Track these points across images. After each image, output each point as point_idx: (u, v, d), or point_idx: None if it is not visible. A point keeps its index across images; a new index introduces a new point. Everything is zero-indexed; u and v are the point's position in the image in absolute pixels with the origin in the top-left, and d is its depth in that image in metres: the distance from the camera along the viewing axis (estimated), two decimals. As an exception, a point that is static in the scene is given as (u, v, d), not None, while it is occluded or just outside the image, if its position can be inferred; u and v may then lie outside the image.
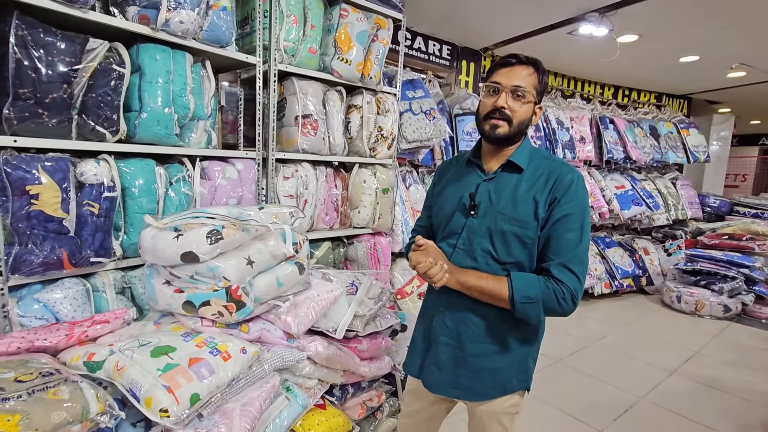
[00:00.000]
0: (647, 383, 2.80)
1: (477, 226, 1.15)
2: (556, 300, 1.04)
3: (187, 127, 1.80)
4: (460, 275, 1.10)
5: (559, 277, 1.04)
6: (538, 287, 1.05)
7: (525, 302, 1.05)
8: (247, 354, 1.23)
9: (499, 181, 1.16)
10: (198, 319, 1.30)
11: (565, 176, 1.09)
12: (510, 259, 1.12)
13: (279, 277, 1.43)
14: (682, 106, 5.99)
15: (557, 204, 1.07)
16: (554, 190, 1.08)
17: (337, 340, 1.62)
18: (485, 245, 1.14)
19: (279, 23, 2.02)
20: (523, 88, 1.09)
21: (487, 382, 1.18)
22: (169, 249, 1.25)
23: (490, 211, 1.14)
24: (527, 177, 1.13)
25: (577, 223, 1.06)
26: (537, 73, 1.11)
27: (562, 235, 1.06)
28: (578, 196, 1.08)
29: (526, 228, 1.09)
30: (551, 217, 1.08)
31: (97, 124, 1.50)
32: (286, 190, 2.13)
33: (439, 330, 1.22)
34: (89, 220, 1.44)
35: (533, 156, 1.17)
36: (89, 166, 1.44)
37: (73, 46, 1.43)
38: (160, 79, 1.63)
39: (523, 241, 1.10)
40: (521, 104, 1.10)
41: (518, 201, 1.11)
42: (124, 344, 1.19)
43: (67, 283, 1.44)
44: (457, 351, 1.19)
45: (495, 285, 1.08)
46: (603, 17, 2.92)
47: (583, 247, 1.06)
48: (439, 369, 1.22)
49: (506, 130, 1.11)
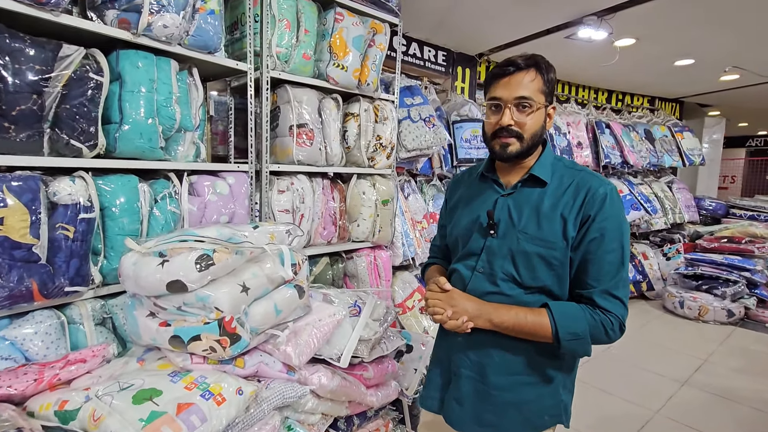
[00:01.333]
0: (660, 396, 2.70)
1: (497, 247, 1.03)
2: (604, 332, 0.94)
3: (173, 139, 1.66)
4: (494, 315, 0.98)
5: (606, 307, 0.94)
6: (584, 321, 0.94)
7: (571, 339, 0.94)
8: (243, 395, 1.09)
9: (520, 196, 1.04)
10: (187, 356, 1.16)
11: (597, 190, 0.97)
12: (535, 284, 1.01)
13: (277, 304, 1.30)
14: (674, 110, 6.00)
15: (591, 222, 0.95)
16: (586, 206, 0.96)
17: (341, 369, 1.48)
18: (507, 268, 1.02)
19: (271, 28, 1.90)
20: (528, 98, 0.97)
21: (514, 418, 1.05)
22: (152, 277, 1.11)
23: (511, 230, 1.02)
24: (551, 191, 1.01)
25: (615, 243, 0.95)
26: (540, 74, 0.99)
27: (602, 257, 0.94)
28: (614, 212, 0.96)
29: (553, 248, 0.98)
30: (585, 238, 0.96)
31: (72, 137, 1.36)
32: (282, 205, 2.00)
33: (460, 362, 1.10)
34: (63, 245, 1.29)
35: (556, 166, 1.05)
36: (63, 185, 1.30)
37: (44, 53, 1.29)
38: (142, 87, 1.50)
39: (549, 263, 0.98)
40: (529, 116, 0.98)
41: (543, 219, 0.99)
42: (102, 388, 1.04)
43: (39, 317, 1.28)
44: (479, 384, 1.08)
45: (535, 322, 0.96)
46: (602, 20, 2.86)
47: (625, 269, 0.96)
48: (459, 404, 1.10)
49: (518, 147, 1.00)
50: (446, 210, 1.26)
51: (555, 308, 0.96)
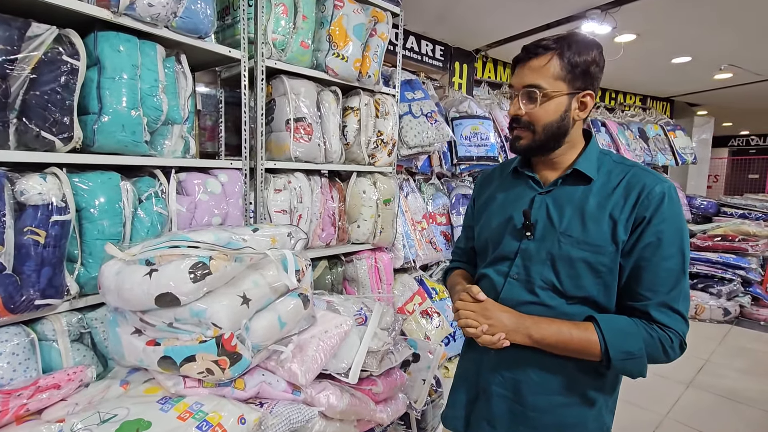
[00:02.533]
0: (666, 399, 2.64)
1: (535, 250, 0.92)
2: (662, 350, 0.83)
3: (160, 132, 1.50)
4: (534, 329, 0.87)
5: (664, 322, 0.83)
6: (639, 338, 0.83)
7: (625, 359, 0.83)
8: (246, 424, 0.94)
9: (560, 194, 0.93)
10: (180, 378, 1.01)
11: (654, 188, 0.85)
12: (578, 293, 0.89)
13: (281, 316, 1.15)
14: (665, 109, 6.02)
15: (647, 225, 0.85)
16: (640, 206, 0.85)
17: (349, 384, 1.35)
18: (546, 275, 0.91)
19: (266, 12, 1.75)
20: (535, 85, 0.87)
21: None
22: (139, 289, 0.95)
23: (551, 232, 0.91)
24: (597, 188, 0.90)
25: (674, 248, 0.84)
26: (560, 58, 0.87)
27: (658, 264, 0.83)
28: (674, 213, 0.85)
29: (601, 254, 0.86)
30: (639, 242, 0.85)
31: (42, 129, 1.19)
32: (278, 205, 1.85)
33: (491, 379, 0.99)
34: (33, 251, 1.12)
35: (602, 161, 0.93)
36: (32, 183, 1.13)
37: (9, 31, 1.13)
38: (124, 74, 1.34)
39: (596, 270, 0.87)
40: (538, 105, 0.88)
41: (588, 219, 0.88)
42: (78, 421, 0.88)
43: (4, 335, 1.11)
44: (514, 404, 0.96)
45: (582, 338, 0.84)
46: (606, 14, 2.79)
47: (686, 278, 0.85)
48: (491, 426, 0.98)
49: (529, 140, 0.92)
50: (474, 209, 1.14)
51: (604, 323, 0.85)
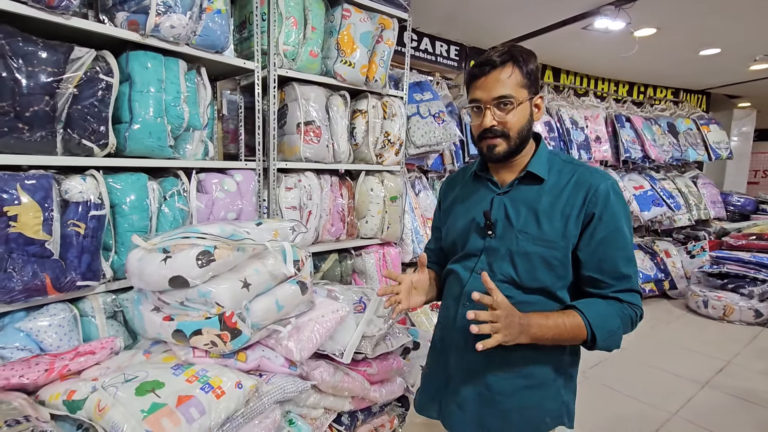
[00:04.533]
0: (678, 397, 2.62)
1: (496, 248, 1.01)
2: (630, 324, 0.95)
3: (182, 138, 1.70)
4: (536, 330, 0.90)
5: (630, 300, 0.95)
6: (616, 317, 0.93)
7: (608, 337, 0.93)
8: (243, 389, 1.11)
9: (516, 194, 1.01)
10: (189, 349, 1.19)
11: (599, 186, 0.94)
12: (534, 284, 0.98)
13: (279, 300, 1.31)
14: (700, 102, 5.76)
15: (598, 221, 0.93)
16: (588, 204, 0.93)
17: (344, 365, 1.50)
18: (506, 269, 0.99)
19: (278, 26, 1.92)
20: (506, 96, 0.93)
21: (517, 423, 1.03)
22: (156, 273, 1.14)
23: (509, 230, 0.99)
24: (549, 188, 0.98)
25: (625, 240, 0.94)
26: (518, 67, 0.93)
27: (615, 254, 0.93)
28: (619, 208, 0.94)
29: (554, 248, 0.95)
30: (594, 237, 0.94)
31: (83, 137, 1.40)
32: (289, 202, 2.02)
33: (459, 364, 1.08)
34: (75, 241, 1.33)
35: (553, 161, 1.02)
36: (74, 183, 1.34)
37: (56, 56, 1.34)
38: (151, 87, 1.53)
39: (550, 264, 0.96)
40: (511, 113, 0.94)
41: (542, 217, 0.96)
42: (108, 380, 1.07)
43: (53, 310, 1.34)
44: (481, 388, 1.05)
45: (573, 326, 0.92)
46: (620, 10, 2.77)
47: (634, 260, 0.97)
48: (461, 409, 1.07)
49: (505, 147, 0.97)
50: (440, 212, 1.22)
51: (586, 310, 0.93)
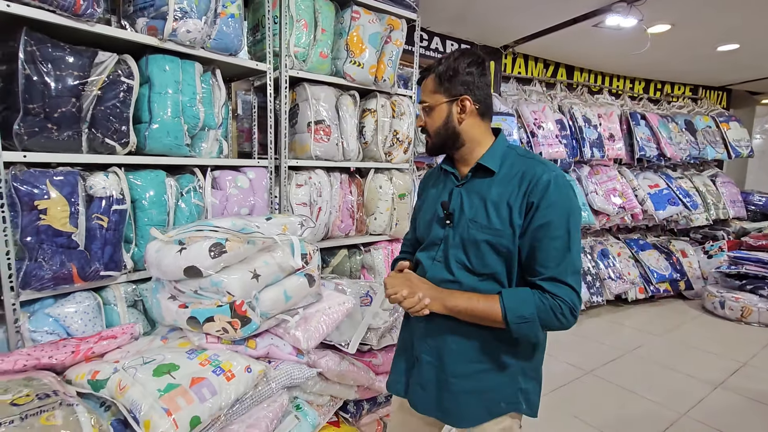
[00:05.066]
0: (689, 398, 2.60)
1: (452, 236, 1.07)
2: (554, 316, 0.95)
3: (198, 136, 1.78)
4: (448, 300, 1.02)
5: (554, 292, 0.95)
6: (532, 305, 0.96)
7: (520, 322, 0.96)
8: (252, 373, 1.18)
9: (471, 186, 1.08)
10: (203, 335, 1.26)
11: (541, 177, 0.98)
12: (485, 270, 1.03)
13: (287, 290, 1.38)
14: (720, 99, 5.63)
15: (536, 210, 0.97)
16: (530, 193, 0.98)
17: (350, 355, 1.55)
18: (459, 256, 1.06)
19: (289, 28, 1.98)
20: (423, 102, 1.10)
21: (473, 405, 1.07)
22: (172, 263, 1.21)
23: (463, 219, 1.06)
24: (499, 179, 1.04)
25: (561, 230, 0.96)
26: (435, 75, 1.07)
27: (548, 244, 0.96)
28: (559, 198, 0.97)
29: (501, 236, 1.00)
30: (531, 225, 0.98)
31: (106, 136, 1.50)
32: (300, 198, 2.09)
33: (421, 348, 1.13)
34: (98, 233, 1.43)
35: (507, 155, 1.07)
36: (98, 179, 1.44)
37: (82, 60, 1.43)
38: (169, 89, 1.62)
39: (497, 250, 1.01)
40: (429, 116, 1.10)
41: (490, 207, 1.02)
42: (128, 362, 1.16)
43: (78, 297, 1.43)
44: (438, 371, 1.09)
45: (486, 306, 0.98)
46: (631, 7, 2.75)
47: (573, 254, 0.96)
48: (423, 389, 1.12)
49: (430, 143, 1.13)
50: (417, 204, 1.30)
51: (506, 293, 0.99)
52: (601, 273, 4.09)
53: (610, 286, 4.05)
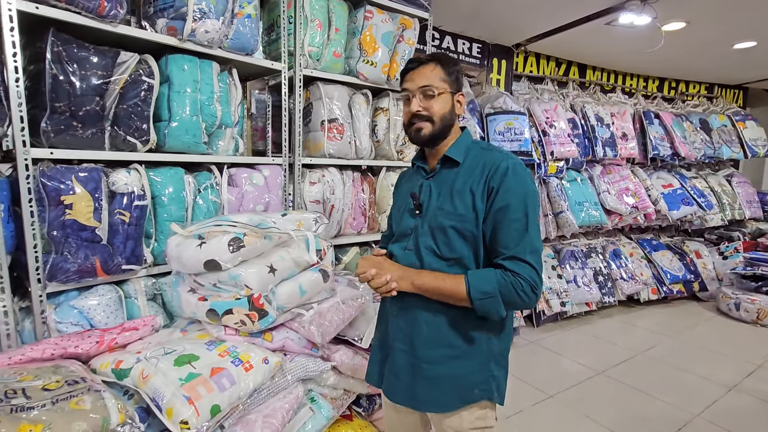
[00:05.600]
0: (703, 399, 2.57)
1: (421, 225, 1.13)
2: (515, 293, 1.00)
3: (215, 134, 1.82)
4: (416, 278, 1.07)
5: (514, 269, 1.01)
6: (494, 281, 1.01)
7: (482, 298, 1.00)
8: (269, 364, 1.21)
9: (439, 178, 1.14)
10: (221, 327, 1.30)
11: (500, 164, 1.05)
12: (452, 255, 1.08)
13: (302, 285, 1.41)
14: (736, 97, 5.53)
15: (495, 194, 1.04)
16: (489, 180, 1.05)
17: (363, 350, 1.58)
18: (428, 243, 1.11)
19: (303, 28, 2.01)
20: (430, 85, 1.10)
21: (445, 391, 1.09)
22: (192, 257, 1.25)
23: (431, 208, 1.12)
24: (464, 170, 1.11)
25: (519, 212, 1.02)
26: (440, 66, 1.11)
27: (508, 226, 1.02)
28: (516, 183, 1.03)
29: (465, 221, 1.06)
30: (491, 209, 1.04)
31: (128, 134, 1.54)
32: (313, 196, 2.12)
33: (394, 335, 1.16)
34: (120, 228, 1.47)
35: (471, 148, 1.14)
36: (120, 176, 1.48)
37: (105, 60, 1.48)
38: (188, 88, 1.66)
39: (463, 235, 1.07)
40: (434, 100, 1.10)
41: (455, 195, 1.08)
42: (150, 352, 1.19)
43: (101, 290, 1.48)
44: (411, 358, 1.12)
45: (452, 284, 1.03)
46: (645, 5, 2.73)
47: (531, 235, 1.02)
48: (396, 378, 1.14)
49: (429, 130, 1.11)
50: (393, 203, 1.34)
51: (471, 273, 1.04)
52: (613, 273, 4.05)
53: (622, 286, 4.02)
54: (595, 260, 4.03)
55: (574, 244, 4.06)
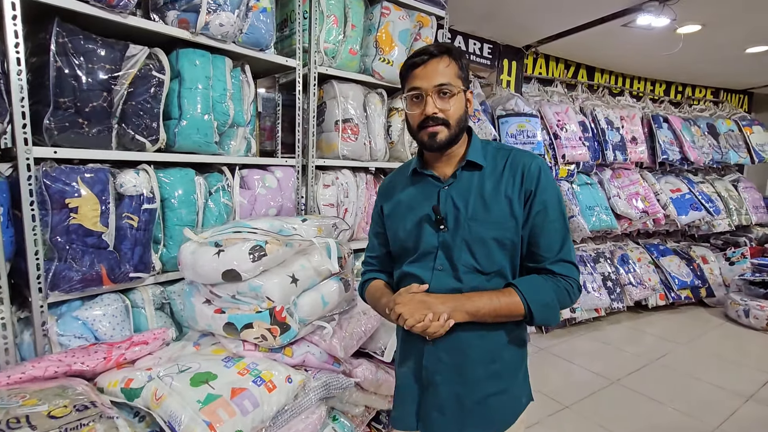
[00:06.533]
0: (721, 410, 2.51)
1: (452, 240, 0.99)
2: (568, 296, 0.96)
3: (227, 134, 1.73)
4: (468, 305, 0.95)
5: (564, 273, 0.96)
6: (551, 290, 0.96)
7: (543, 309, 0.95)
8: (292, 383, 1.12)
9: (460, 185, 1.02)
10: (239, 342, 1.21)
11: (531, 165, 0.99)
12: (493, 268, 0.99)
13: (324, 296, 1.32)
14: (742, 102, 5.52)
15: (533, 197, 0.97)
16: (525, 182, 0.98)
17: (385, 363, 1.49)
18: (466, 259, 0.99)
19: (319, 24, 1.93)
20: (447, 84, 0.95)
21: (500, 409, 1.02)
22: (209, 266, 1.16)
23: (461, 219, 0.99)
24: (488, 173, 1.01)
25: (556, 212, 0.98)
26: (454, 60, 0.98)
27: (549, 228, 0.97)
28: (550, 183, 0.98)
29: (505, 229, 0.97)
30: (531, 212, 0.97)
31: (137, 133, 1.44)
32: (327, 199, 2.03)
33: (433, 369, 1.02)
34: (128, 233, 1.37)
35: (486, 149, 1.05)
36: (129, 177, 1.38)
37: (113, 53, 1.38)
38: (199, 84, 1.56)
39: (503, 245, 0.98)
40: (451, 101, 0.97)
41: (489, 201, 0.98)
42: (163, 369, 1.10)
43: (107, 300, 1.38)
44: (458, 387, 1.01)
45: (508, 302, 0.95)
46: (664, 6, 2.67)
47: (569, 234, 1.00)
48: (442, 414, 1.02)
49: (447, 135, 0.98)
50: (382, 216, 1.15)
51: (521, 285, 0.96)
52: (622, 278, 4.00)
53: (631, 292, 3.96)
54: (604, 265, 3.97)
55: (582, 249, 4.00)
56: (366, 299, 1.16)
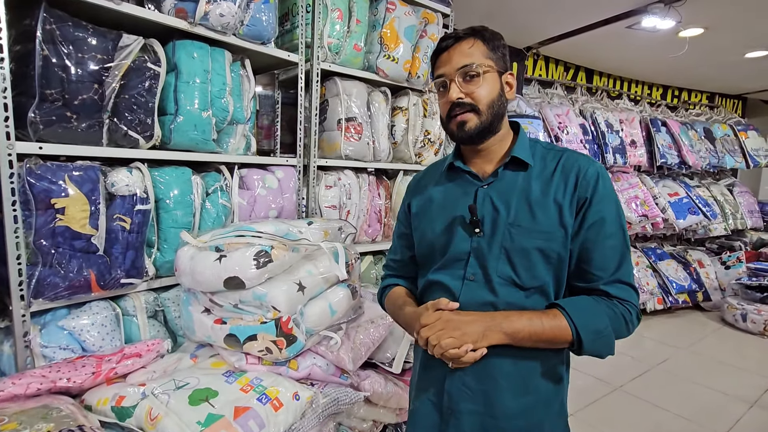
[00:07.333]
0: (726, 417, 2.47)
1: (487, 246, 0.88)
2: (625, 324, 0.83)
3: (225, 131, 1.64)
4: (506, 325, 0.82)
5: (621, 296, 0.83)
6: (603, 316, 0.82)
7: (595, 338, 0.81)
8: (300, 400, 1.03)
9: (502, 185, 0.90)
10: (241, 355, 1.12)
11: (588, 169, 0.85)
12: (534, 283, 0.86)
13: (332, 304, 1.24)
14: (736, 107, 5.56)
15: (588, 206, 0.84)
16: (580, 188, 0.85)
17: (393, 374, 1.41)
18: (503, 270, 0.87)
19: (323, 18, 1.85)
20: (470, 64, 0.86)
21: None
22: (209, 272, 1.07)
23: (500, 225, 0.87)
24: (536, 174, 0.89)
25: (615, 226, 0.84)
26: (482, 41, 0.88)
27: (604, 243, 0.84)
28: (609, 192, 0.85)
29: (552, 240, 0.85)
30: (584, 223, 0.84)
31: (129, 128, 1.34)
32: (329, 200, 1.95)
33: (458, 395, 0.90)
34: (120, 236, 1.27)
35: (535, 148, 0.92)
36: (121, 176, 1.29)
37: (105, 42, 1.28)
38: (197, 78, 1.47)
39: (548, 258, 0.85)
40: (479, 83, 0.86)
41: (535, 207, 0.86)
42: (158, 386, 1.01)
43: (95, 308, 1.27)
44: (485, 418, 0.89)
45: (552, 326, 0.81)
46: (670, 8, 2.64)
47: (629, 252, 0.86)
48: None
49: (477, 121, 0.88)
50: (407, 216, 1.05)
51: (569, 307, 0.82)
52: (621, 283, 3.97)
53: (630, 296, 3.94)
54: (603, 269, 3.94)
55: (582, 252, 3.97)
56: (385, 307, 1.05)
